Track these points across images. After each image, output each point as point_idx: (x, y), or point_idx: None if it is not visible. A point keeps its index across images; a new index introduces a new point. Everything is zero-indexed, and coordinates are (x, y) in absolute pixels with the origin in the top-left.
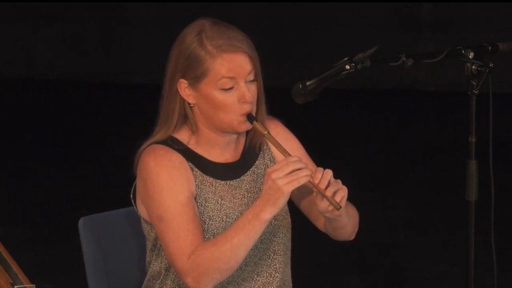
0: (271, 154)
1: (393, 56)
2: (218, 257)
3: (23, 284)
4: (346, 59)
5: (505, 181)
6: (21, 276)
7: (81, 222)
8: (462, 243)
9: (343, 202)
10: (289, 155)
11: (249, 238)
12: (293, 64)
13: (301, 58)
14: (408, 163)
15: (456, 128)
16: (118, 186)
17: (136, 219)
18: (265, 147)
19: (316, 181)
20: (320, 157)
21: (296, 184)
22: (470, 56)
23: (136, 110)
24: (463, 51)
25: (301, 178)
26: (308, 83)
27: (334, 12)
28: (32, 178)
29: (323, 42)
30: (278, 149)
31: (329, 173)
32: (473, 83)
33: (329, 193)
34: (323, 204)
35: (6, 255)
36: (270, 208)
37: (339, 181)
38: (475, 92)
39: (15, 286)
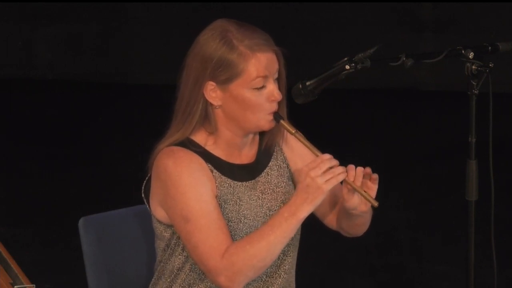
0: (283, 155)
1: (393, 56)
2: (254, 254)
3: (23, 284)
4: (346, 59)
5: (505, 181)
6: (21, 276)
7: (81, 222)
8: (462, 243)
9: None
10: (320, 153)
11: (285, 236)
12: (293, 64)
13: (301, 58)
14: (408, 163)
15: (456, 128)
16: (118, 186)
17: (136, 218)
18: (277, 148)
19: (351, 179)
20: None
21: (334, 182)
22: (470, 56)
23: (135, 110)
24: (463, 51)
25: (339, 176)
26: (308, 83)
27: (334, 12)
28: (32, 178)
29: (323, 42)
30: (308, 148)
31: (362, 170)
32: (473, 83)
33: (367, 189)
34: (353, 201)
35: (6, 255)
36: (308, 207)
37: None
38: (475, 92)
39: (15, 286)
